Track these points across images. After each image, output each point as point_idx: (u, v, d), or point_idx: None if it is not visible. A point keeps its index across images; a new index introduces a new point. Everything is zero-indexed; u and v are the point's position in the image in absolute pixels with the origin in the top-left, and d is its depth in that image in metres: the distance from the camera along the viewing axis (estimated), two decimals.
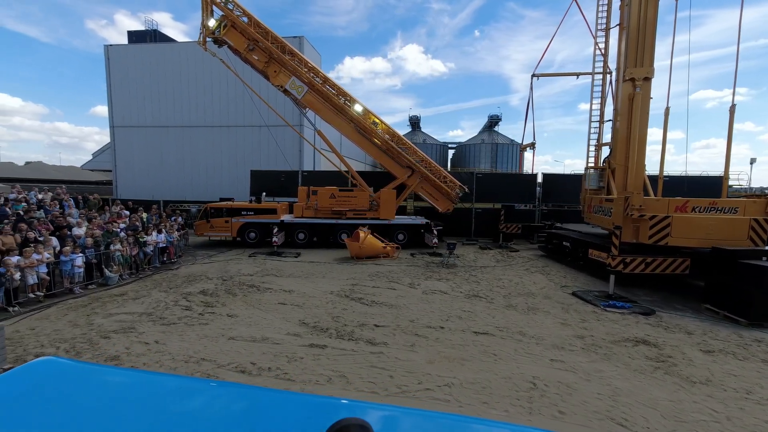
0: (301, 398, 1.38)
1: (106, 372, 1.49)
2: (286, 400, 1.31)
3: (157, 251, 11.62)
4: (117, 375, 1.47)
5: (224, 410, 1.19)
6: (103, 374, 1.45)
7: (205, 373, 5.24)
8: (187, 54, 29.28)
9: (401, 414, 1.29)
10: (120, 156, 31.27)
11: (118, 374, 1.48)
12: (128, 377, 1.43)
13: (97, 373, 1.46)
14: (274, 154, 28.63)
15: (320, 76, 14.91)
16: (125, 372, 1.53)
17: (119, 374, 1.48)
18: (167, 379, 1.48)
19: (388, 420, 1.14)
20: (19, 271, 7.48)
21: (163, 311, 7.74)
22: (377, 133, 15.44)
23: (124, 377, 1.44)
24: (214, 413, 1.18)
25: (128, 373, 1.54)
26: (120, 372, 1.53)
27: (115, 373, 1.50)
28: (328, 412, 1.12)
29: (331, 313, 7.86)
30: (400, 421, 1.18)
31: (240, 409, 1.20)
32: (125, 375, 1.47)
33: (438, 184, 16.82)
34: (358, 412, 1.08)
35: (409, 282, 10.54)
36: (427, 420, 1.21)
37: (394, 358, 5.87)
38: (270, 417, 1.16)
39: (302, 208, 15.85)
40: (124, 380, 1.40)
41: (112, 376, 1.45)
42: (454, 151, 61.07)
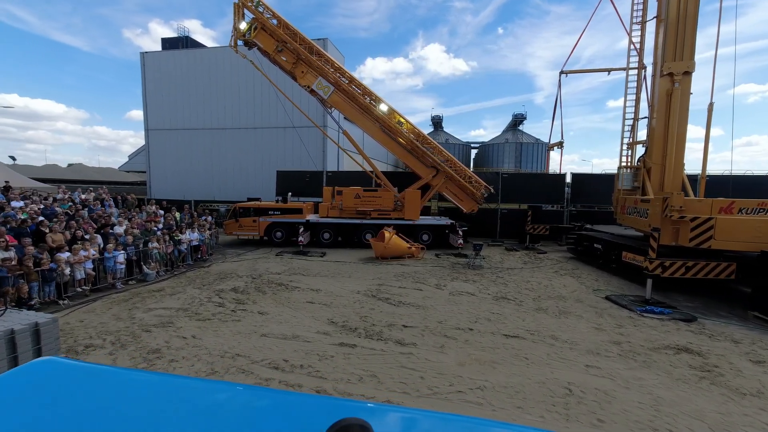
0: (301, 398, 1.38)
1: (105, 372, 1.49)
2: (286, 400, 1.31)
3: (190, 249, 12.07)
4: (117, 375, 1.49)
5: (224, 410, 1.19)
6: (102, 374, 1.46)
7: (240, 368, 5.40)
8: (216, 59, 30.25)
9: (401, 414, 1.28)
10: (153, 157, 32.67)
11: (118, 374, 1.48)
12: (128, 377, 1.44)
13: (97, 373, 1.47)
14: (298, 155, 29.14)
15: (346, 76, 15.05)
16: (125, 372, 1.54)
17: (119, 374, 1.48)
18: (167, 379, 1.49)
19: (388, 420, 1.14)
20: (68, 267, 7.96)
21: (198, 307, 8.03)
22: (402, 132, 15.44)
23: (124, 377, 1.44)
24: (214, 413, 1.17)
25: (128, 373, 1.52)
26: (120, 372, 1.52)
27: (115, 373, 1.49)
28: (328, 412, 1.12)
29: (359, 312, 7.93)
30: (400, 421, 1.18)
31: (240, 409, 1.20)
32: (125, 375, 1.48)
33: (463, 185, 16.64)
34: (358, 412, 1.04)
35: (435, 283, 10.48)
36: (427, 420, 1.21)
37: (424, 359, 5.85)
38: (270, 417, 1.16)
39: (327, 208, 16.06)
40: (124, 380, 1.40)
41: (112, 376, 1.46)
42: (476, 151, 60.23)
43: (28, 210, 11.54)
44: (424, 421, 1.19)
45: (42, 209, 11.88)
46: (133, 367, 5.36)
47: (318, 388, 4.90)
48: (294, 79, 15.16)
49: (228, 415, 1.15)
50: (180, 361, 5.61)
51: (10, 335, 4.82)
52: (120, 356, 5.69)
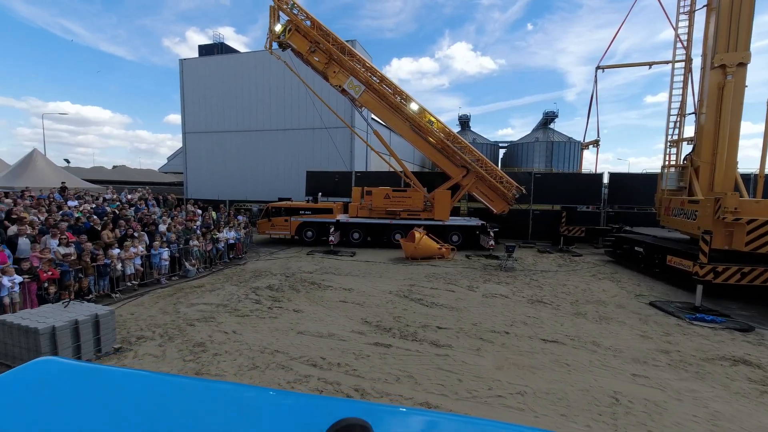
0: (301, 398, 1.37)
1: (105, 372, 1.52)
2: (286, 400, 1.31)
3: (226, 247, 12.53)
4: (117, 375, 1.48)
5: (224, 410, 1.18)
6: (102, 374, 1.47)
7: (279, 364, 5.55)
8: (248, 63, 31.26)
9: (401, 414, 1.28)
10: (190, 159, 34.17)
11: (117, 374, 1.49)
12: (128, 377, 1.44)
13: (97, 373, 1.48)
14: (326, 156, 29.60)
15: (377, 75, 15.11)
16: (125, 372, 1.54)
17: (119, 374, 1.50)
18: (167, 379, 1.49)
19: (388, 420, 1.13)
20: (120, 263, 8.48)
21: (237, 303, 8.33)
22: (433, 131, 15.33)
23: (124, 377, 1.45)
24: (214, 413, 1.17)
25: (128, 373, 1.52)
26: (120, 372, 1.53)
27: (114, 373, 1.51)
28: (328, 412, 1.11)
29: (392, 312, 7.95)
30: (400, 421, 1.17)
31: (240, 409, 1.19)
32: (125, 375, 1.49)
33: (494, 185, 16.33)
34: (358, 412, 1.03)
35: (467, 284, 10.34)
36: (427, 420, 1.19)
37: (460, 361, 5.79)
38: (270, 417, 1.16)
39: (357, 208, 16.21)
40: (124, 380, 1.41)
41: (112, 376, 1.46)
42: (505, 151, 58.88)
43: (82, 209, 12.38)
44: (425, 421, 1.19)
45: (94, 208, 12.72)
46: (181, 359, 5.64)
47: (356, 386, 4.96)
48: (326, 79, 15.38)
49: (228, 415, 1.15)
50: (223, 355, 5.84)
51: (75, 325, 5.20)
52: (168, 348, 6.00)
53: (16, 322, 4.98)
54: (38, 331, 4.82)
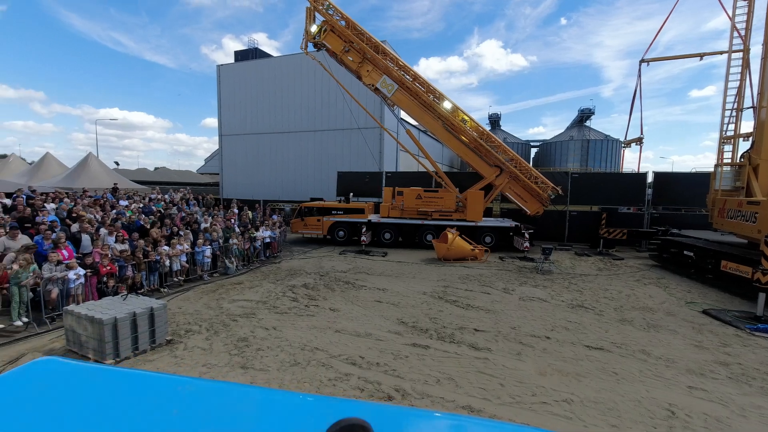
0: (301, 398, 1.35)
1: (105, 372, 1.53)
2: (286, 400, 1.31)
3: (263, 246, 12.94)
4: (117, 375, 1.49)
5: (224, 410, 1.18)
6: (102, 374, 1.47)
7: (320, 361, 5.66)
8: (280, 67, 32.13)
9: (401, 414, 1.27)
10: (225, 160, 35.57)
11: (118, 374, 1.50)
12: (128, 377, 1.46)
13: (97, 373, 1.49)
14: (355, 156, 29.91)
15: (410, 73, 15.07)
16: (125, 372, 1.55)
17: (119, 374, 1.50)
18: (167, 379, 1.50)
19: (388, 420, 1.12)
20: (168, 259, 8.96)
21: (275, 301, 8.58)
22: (466, 130, 15.10)
23: (124, 377, 1.46)
24: (213, 413, 1.17)
25: (128, 373, 1.48)
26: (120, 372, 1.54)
27: (115, 373, 1.52)
28: (328, 412, 1.11)
29: (428, 314, 7.92)
30: (400, 421, 1.17)
31: (240, 409, 1.18)
32: (125, 375, 1.50)
33: (528, 185, 15.89)
34: (359, 412, 1.02)
35: (503, 287, 10.12)
36: (427, 420, 1.19)
37: (501, 365, 5.68)
38: (270, 417, 1.16)
39: (388, 208, 16.25)
40: (124, 380, 1.41)
41: (112, 376, 1.46)
42: (537, 150, 57.13)
43: (132, 208, 13.19)
44: (424, 421, 1.18)
45: (142, 208, 13.51)
46: (227, 353, 5.88)
47: (396, 387, 4.97)
48: (359, 78, 15.49)
49: (228, 415, 1.15)
50: (265, 350, 6.03)
51: (133, 317, 5.54)
52: (215, 342, 6.27)
53: (84, 312, 5.38)
54: (102, 321, 5.18)
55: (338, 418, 0.87)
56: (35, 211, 10.59)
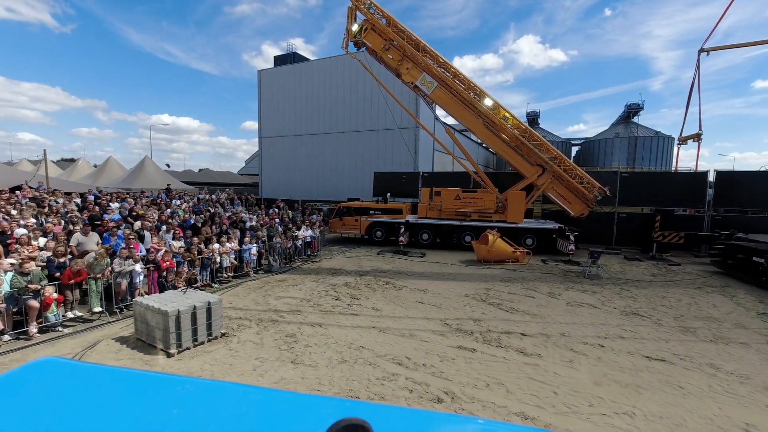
0: (301, 398, 1.34)
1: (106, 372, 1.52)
2: (286, 400, 1.30)
3: (303, 245, 13.30)
4: (117, 375, 1.49)
5: (224, 410, 1.17)
6: (103, 374, 1.47)
7: (366, 360, 5.73)
8: (317, 70, 32.89)
9: (401, 414, 1.25)
10: (265, 161, 36.94)
11: (118, 374, 1.50)
12: (128, 377, 1.46)
13: (98, 373, 1.49)
14: (390, 156, 30.02)
15: (451, 70, 14.86)
16: (125, 372, 1.55)
17: (119, 374, 1.50)
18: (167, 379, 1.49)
19: (388, 420, 1.11)
20: (218, 256, 9.45)
21: (318, 299, 8.79)
22: (507, 128, 14.68)
23: (124, 377, 1.46)
24: (213, 413, 1.17)
25: (128, 373, 1.55)
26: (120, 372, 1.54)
27: (115, 373, 1.51)
28: (328, 412, 1.11)
29: (471, 316, 7.79)
30: (400, 421, 1.15)
31: (240, 409, 1.18)
32: (125, 375, 1.50)
33: (573, 185, 15.19)
34: (359, 412, 1.01)
35: (548, 291, 9.76)
36: (427, 420, 1.18)
37: (552, 372, 5.47)
38: (270, 417, 1.15)
39: (426, 209, 16.15)
40: (124, 380, 1.42)
41: (113, 376, 1.47)
42: (578, 148, 54.54)
43: (183, 207, 14.03)
44: (424, 421, 1.17)
45: (192, 207, 14.33)
46: (277, 348, 6.10)
47: (445, 389, 4.93)
48: (398, 76, 15.47)
49: (228, 415, 1.15)
50: (313, 347, 6.19)
51: (193, 310, 5.89)
52: (265, 336, 6.53)
53: (151, 304, 5.80)
54: (167, 313, 5.55)
55: (338, 418, 0.87)
56: (102, 210, 11.54)
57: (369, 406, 1.33)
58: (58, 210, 11.13)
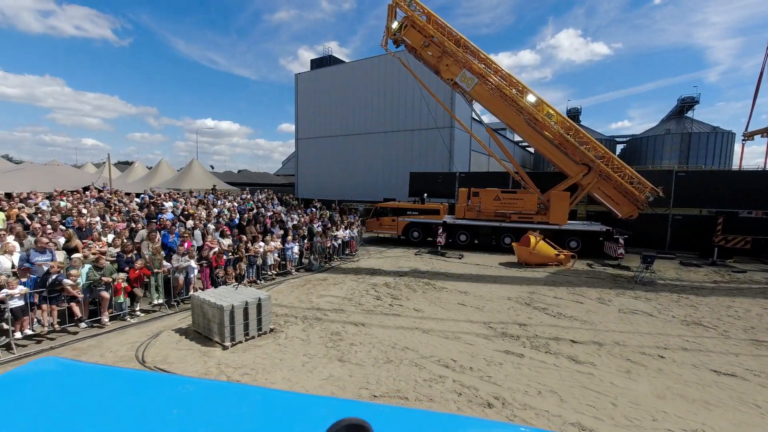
0: (300, 398, 1.32)
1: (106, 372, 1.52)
2: (286, 400, 1.28)
3: (342, 244, 13.52)
4: (117, 375, 1.48)
5: (224, 410, 1.17)
6: (103, 374, 1.47)
7: (412, 361, 5.73)
8: (352, 72, 33.32)
9: (401, 414, 1.23)
10: (301, 162, 37.94)
11: (118, 374, 1.50)
12: (129, 377, 1.46)
13: (98, 373, 1.48)
14: (424, 156, 29.84)
15: (492, 67, 14.49)
16: (125, 372, 1.55)
17: (119, 374, 1.50)
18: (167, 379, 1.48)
19: (388, 420, 1.08)
20: (263, 254, 9.82)
21: (359, 298, 8.90)
22: (551, 125, 14.11)
23: (125, 377, 1.46)
24: (213, 413, 1.16)
25: (129, 373, 1.55)
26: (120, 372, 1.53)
27: (115, 373, 1.51)
28: (328, 412, 1.09)
29: (516, 320, 7.58)
30: (400, 421, 1.12)
31: (240, 409, 1.17)
32: (125, 375, 1.50)
33: (622, 185, 14.35)
34: (359, 412, 0.99)
35: (596, 296, 9.30)
36: (427, 420, 1.15)
37: (608, 382, 5.21)
38: (270, 417, 1.14)
39: (464, 210, 15.90)
40: (124, 380, 1.41)
41: (113, 376, 1.46)
42: (623, 146, 51.52)
43: (229, 207, 14.71)
44: (424, 421, 1.15)
45: (237, 207, 14.99)
46: (323, 345, 6.25)
47: (495, 394, 4.84)
48: (437, 73, 15.29)
49: (228, 415, 1.14)
50: (358, 345, 6.28)
51: (245, 306, 6.16)
52: (311, 334, 6.70)
53: (207, 298, 6.13)
54: (223, 308, 5.85)
55: (338, 418, 0.87)
56: (158, 209, 12.35)
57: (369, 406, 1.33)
58: (120, 209, 12.05)
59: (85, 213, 10.55)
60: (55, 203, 11.26)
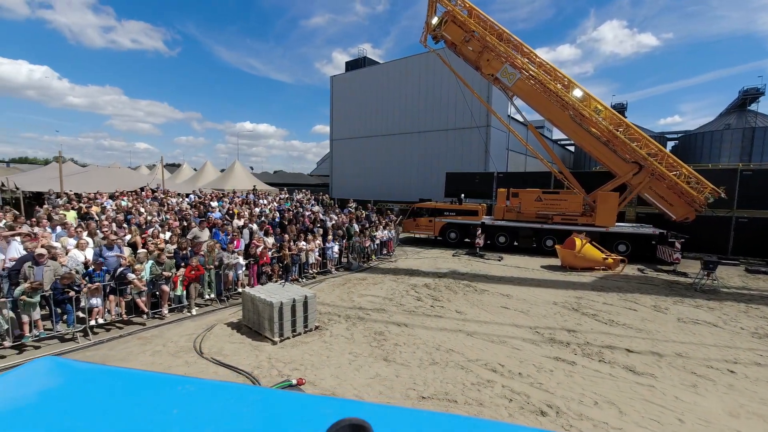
0: (301, 398, 1.30)
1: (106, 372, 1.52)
2: (286, 400, 1.26)
3: (380, 244, 13.61)
4: (117, 375, 1.48)
5: (224, 410, 1.16)
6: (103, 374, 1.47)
7: (458, 364, 5.66)
8: (386, 73, 33.46)
9: (401, 414, 1.21)
10: (335, 163, 38.60)
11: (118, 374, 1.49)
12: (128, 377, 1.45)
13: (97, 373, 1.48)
14: (459, 156, 29.41)
15: (536, 61, 13.98)
16: (125, 372, 1.53)
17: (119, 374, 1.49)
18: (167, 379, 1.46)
19: (388, 420, 1.08)
20: (304, 253, 10.09)
21: (400, 299, 8.91)
22: (599, 121, 13.39)
23: (124, 377, 1.45)
24: (213, 413, 1.15)
25: (128, 372, 1.53)
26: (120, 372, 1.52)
27: (115, 373, 1.50)
28: (328, 412, 1.08)
29: (564, 326, 7.29)
30: (400, 421, 1.12)
31: (240, 409, 1.16)
32: (125, 375, 1.49)
33: (677, 185, 13.37)
34: (359, 412, 1.00)
35: (652, 304, 8.75)
36: (427, 420, 1.14)
37: (672, 396, 4.88)
38: (270, 417, 1.12)
39: (503, 211, 15.50)
40: (124, 380, 1.41)
41: (113, 376, 1.46)
42: (674, 143, 48.11)
43: (270, 207, 15.24)
44: (424, 421, 1.14)
45: (277, 207, 15.50)
46: (368, 344, 6.31)
47: (548, 402, 4.67)
48: (477, 69, 14.95)
49: (228, 415, 1.13)
50: (402, 346, 6.28)
51: (293, 303, 6.35)
52: (355, 332, 6.80)
53: (257, 294, 6.40)
54: (273, 304, 6.07)
55: (338, 418, 0.86)
56: (206, 208, 13.03)
57: (369, 406, 1.31)
58: (173, 208, 12.83)
59: (143, 212, 11.34)
60: (118, 202, 12.18)
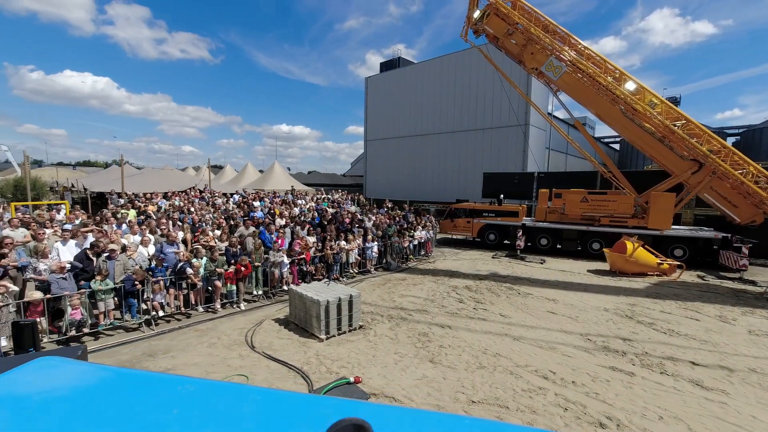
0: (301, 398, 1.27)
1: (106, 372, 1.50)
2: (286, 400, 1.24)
3: (418, 245, 13.56)
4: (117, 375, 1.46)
5: (224, 410, 1.14)
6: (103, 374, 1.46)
7: (506, 369, 5.52)
8: (421, 73, 33.26)
9: (401, 414, 1.20)
10: (369, 163, 38.91)
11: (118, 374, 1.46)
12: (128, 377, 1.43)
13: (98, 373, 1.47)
14: (495, 156, 28.70)
15: (585, 53, 13.34)
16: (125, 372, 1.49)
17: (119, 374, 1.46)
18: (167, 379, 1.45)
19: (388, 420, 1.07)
20: (345, 253, 10.26)
21: (442, 300, 8.83)
22: (654, 116, 12.50)
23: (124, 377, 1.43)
24: (213, 413, 1.14)
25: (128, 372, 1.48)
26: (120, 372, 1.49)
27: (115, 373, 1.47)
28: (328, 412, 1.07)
29: (617, 334, 6.91)
30: (400, 421, 1.10)
31: (240, 409, 1.15)
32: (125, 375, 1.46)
33: (743, 185, 12.24)
34: (359, 412, 0.99)
35: (716, 314, 8.10)
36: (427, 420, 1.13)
37: (748, 415, 4.49)
38: (270, 417, 1.12)
39: (545, 212, 14.94)
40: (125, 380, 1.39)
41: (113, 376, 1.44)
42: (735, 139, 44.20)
43: (307, 207, 15.63)
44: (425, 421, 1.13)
45: (315, 206, 15.86)
46: (412, 345, 6.31)
47: (607, 414, 4.45)
48: (520, 63, 14.43)
49: (228, 415, 1.12)
50: (447, 348, 6.22)
51: (338, 302, 6.48)
52: (399, 333, 6.81)
53: (304, 292, 6.59)
54: (320, 302, 6.22)
55: (338, 418, 0.85)
56: (249, 208, 13.58)
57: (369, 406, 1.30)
58: (220, 207, 13.49)
59: (193, 210, 12.01)
60: (172, 201, 12.99)
